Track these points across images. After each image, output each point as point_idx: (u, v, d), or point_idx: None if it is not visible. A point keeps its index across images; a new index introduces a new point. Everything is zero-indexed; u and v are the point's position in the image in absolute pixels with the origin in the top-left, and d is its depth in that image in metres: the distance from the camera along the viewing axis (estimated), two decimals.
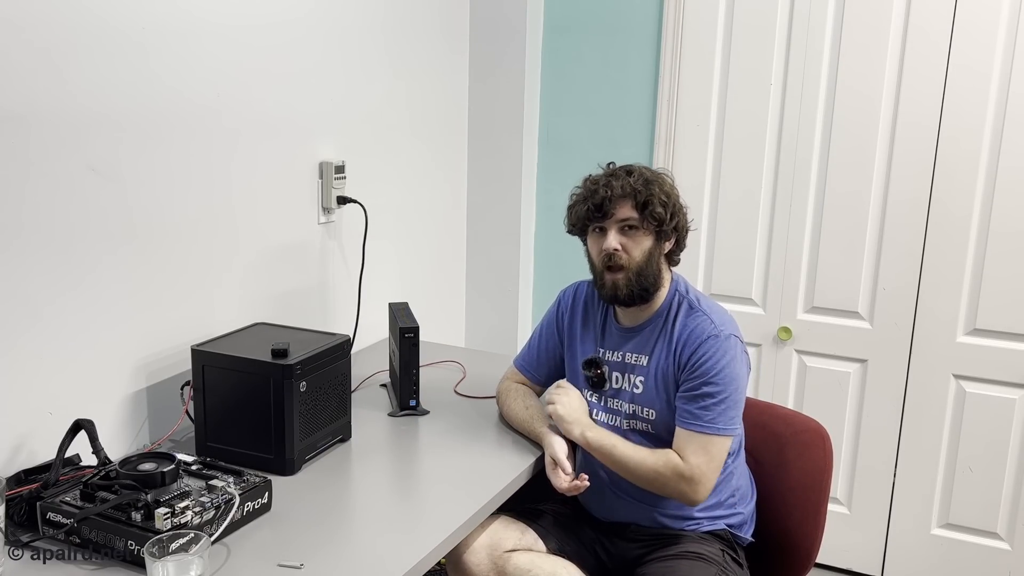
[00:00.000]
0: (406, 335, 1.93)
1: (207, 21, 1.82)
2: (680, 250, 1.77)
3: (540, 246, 3.02)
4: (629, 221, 1.67)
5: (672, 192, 1.70)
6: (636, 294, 1.69)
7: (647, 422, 1.72)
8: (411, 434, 1.87)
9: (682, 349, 1.67)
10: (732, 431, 1.65)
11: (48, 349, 1.56)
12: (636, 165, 1.73)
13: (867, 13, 2.47)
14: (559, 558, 1.71)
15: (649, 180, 1.68)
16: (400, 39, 2.51)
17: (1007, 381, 2.48)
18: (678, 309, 1.71)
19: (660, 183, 1.69)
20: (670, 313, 1.72)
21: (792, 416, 1.93)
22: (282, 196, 2.11)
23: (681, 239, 1.75)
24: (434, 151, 2.78)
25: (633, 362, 1.74)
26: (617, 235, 1.68)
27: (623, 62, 2.80)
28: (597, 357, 1.79)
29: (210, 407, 1.67)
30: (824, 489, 1.83)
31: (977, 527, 2.59)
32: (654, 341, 1.72)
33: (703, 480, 1.61)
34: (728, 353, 1.64)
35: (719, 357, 1.63)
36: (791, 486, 1.84)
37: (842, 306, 2.65)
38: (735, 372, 1.64)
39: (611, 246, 1.67)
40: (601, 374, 1.77)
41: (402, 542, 1.41)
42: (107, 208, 1.64)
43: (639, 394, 1.72)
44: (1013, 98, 2.35)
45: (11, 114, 1.44)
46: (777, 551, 1.83)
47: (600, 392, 1.78)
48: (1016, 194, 2.39)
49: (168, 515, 1.28)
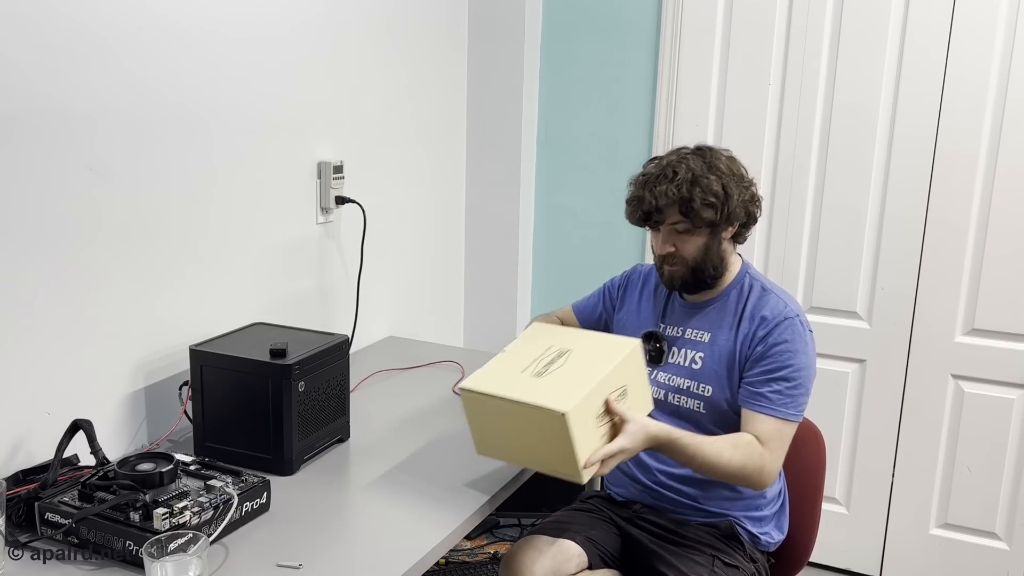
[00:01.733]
0: None
1: (205, 21, 1.81)
2: (748, 229, 1.72)
3: (538, 245, 3.02)
4: (678, 226, 1.65)
5: (724, 181, 1.63)
6: (693, 284, 1.71)
7: (700, 399, 1.71)
8: (410, 434, 1.87)
9: (756, 329, 1.66)
10: (799, 417, 1.65)
11: (46, 349, 1.56)
12: (687, 156, 1.67)
13: (866, 12, 2.47)
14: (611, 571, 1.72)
15: (695, 180, 1.62)
16: (399, 39, 2.51)
17: (1006, 381, 2.49)
18: (750, 290, 1.71)
19: (708, 179, 1.62)
20: (741, 293, 1.72)
21: None
22: (280, 196, 2.11)
23: (749, 221, 1.70)
24: (432, 151, 2.78)
25: (695, 338, 1.74)
26: (668, 237, 1.67)
27: (622, 62, 2.81)
28: (657, 331, 1.79)
29: (208, 407, 1.67)
30: (819, 486, 1.85)
31: (975, 527, 2.60)
32: (720, 319, 1.71)
33: (775, 466, 1.61)
34: (803, 337, 1.65)
35: (795, 340, 1.63)
36: (787, 484, 1.85)
37: (841, 306, 2.65)
38: (810, 359, 1.65)
39: (662, 251, 1.68)
40: (660, 348, 1.77)
41: (401, 542, 1.41)
42: (104, 208, 1.63)
43: (697, 370, 1.71)
44: (1012, 97, 2.35)
45: (9, 113, 1.44)
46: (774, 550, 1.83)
47: (656, 367, 1.78)
48: (1014, 194, 2.39)
49: (166, 515, 1.28)
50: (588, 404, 1.44)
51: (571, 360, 1.55)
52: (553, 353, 1.59)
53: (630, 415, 1.51)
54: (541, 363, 1.56)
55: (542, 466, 1.52)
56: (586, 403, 1.43)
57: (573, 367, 1.53)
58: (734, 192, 1.64)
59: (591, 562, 1.70)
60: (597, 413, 1.48)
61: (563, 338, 1.66)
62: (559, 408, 1.38)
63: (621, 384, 1.52)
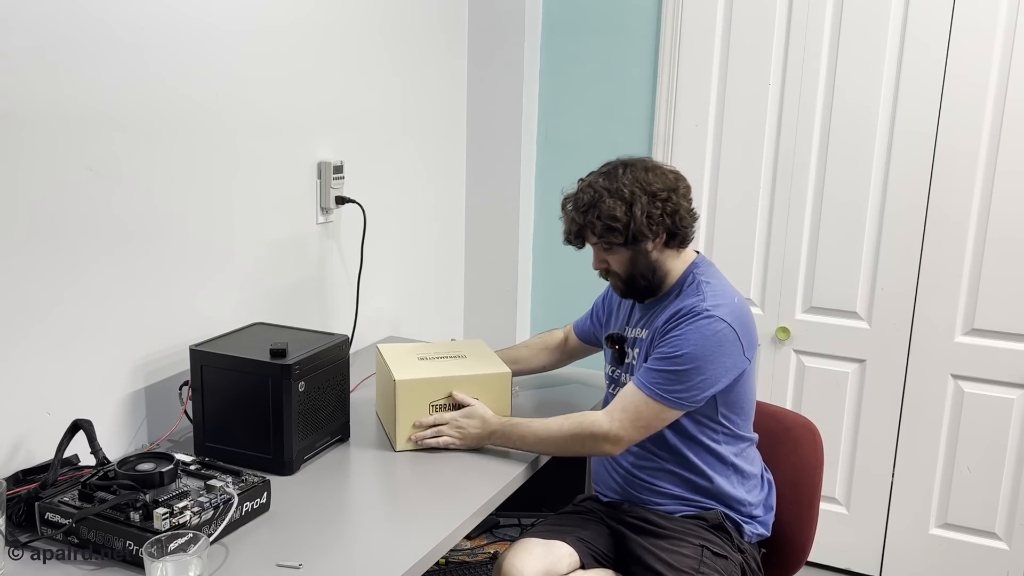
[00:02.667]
0: None
1: (205, 20, 1.81)
2: (678, 234, 1.71)
3: (538, 246, 3.02)
4: (599, 245, 1.73)
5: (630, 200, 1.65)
6: (633, 293, 1.78)
7: None
8: None
9: (667, 321, 1.69)
10: (668, 403, 1.64)
11: (46, 349, 1.56)
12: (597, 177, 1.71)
13: (865, 12, 2.47)
14: (605, 570, 1.72)
15: (594, 204, 1.66)
16: (399, 39, 2.51)
17: (1005, 381, 2.49)
18: (687, 288, 1.74)
19: (606, 204, 1.65)
20: (681, 291, 1.75)
21: (781, 413, 1.96)
22: (280, 196, 2.11)
23: (677, 229, 1.70)
24: (433, 151, 2.78)
25: (638, 336, 1.79)
26: (597, 255, 1.76)
27: (622, 62, 2.81)
28: (619, 333, 1.84)
29: (208, 407, 1.67)
30: (816, 484, 1.86)
31: (975, 527, 2.60)
32: (655, 316, 1.75)
33: (621, 434, 1.66)
34: (703, 331, 1.63)
35: (691, 331, 1.64)
36: (784, 482, 1.86)
37: (840, 306, 2.65)
38: (703, 352, 1.62)
39: (595, 267, 1.78)
40: (621, 350, 1.83)
41: (401, 542, 1.41)
42: (104, 208, 1.63)
43: (636, 367, 1.75)
44: (1011, 97, 2.35)
45: (8, 113, 1.44)
46: (772, 547, 1.84)
47: (621, 367, 1.83)
48: (1014, 194, 2.39)
49: (167, 515, 1.28)
50: (425, 387, 1.77)
51: (452, 361, 1.89)
52: (451, 353, 1.94)
53: (472, 402, 1.77)
54: (436, 356, 1.91)
55: (388, 426, 1.83)
56: (423, 385, 1.76)
57: (446, 365, 1.85)
58: (638, 210, 1.65)
59: (584, 562, 1.71)
60: (437, 403, 1.78)
61: (473, 350, 1.96)
62: (398, 377, 1.75)
63: (473, 395, 1.79)
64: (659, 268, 1.74)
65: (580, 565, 1.70)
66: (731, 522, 1.74)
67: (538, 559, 1.64)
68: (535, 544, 1.68)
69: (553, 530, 1.75)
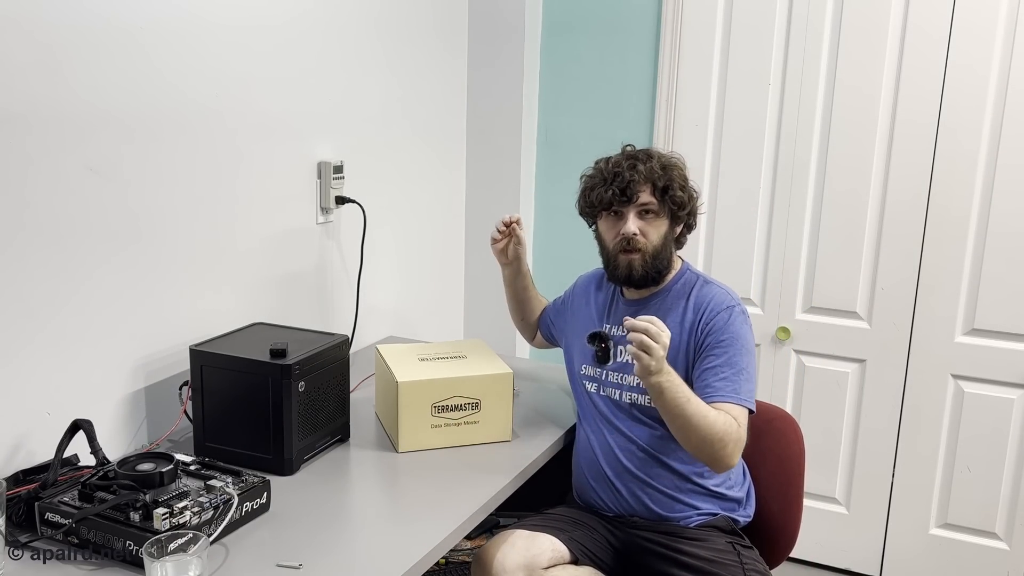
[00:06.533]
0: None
1: (205, 21, 1.82)
2: (689, 232, 1.82)
3: (538, 246, 3.02)
4: (649, 206, 1.71)
5: (688, 177, 1.75)
6: (650, 276, 1.74)
7: None
8: None
9: (702, 318, 1.70)
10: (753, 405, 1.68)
11: (46, 349, 1.56)
12: (653, 149, 1.77)
13: (866, 11, 2.47)
14: (591, 569, 1.71)
15: (668, 165, 1.73)
16: (399, 39, 2.51)
17: (1005, 381, 2.49)
18: (693, 282, 1.76)
19: (679, 168, 1.74)
20: (685, 288, 1.75)
21: (761, 406, 1.94)
22: (280, 196, 2.11)
23: (692, 224, 1.80)
24: (433, 151, 2.78)
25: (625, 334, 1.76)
26: (636, 219, 1.71)
27: (622, 61, 2.81)
28: (602, 331, 1.80)
29: (208, 407, 1.67)
30: (800, 474, 1.89)
31: (975, 527, 2.60)
32: (663, 312, 1.73)
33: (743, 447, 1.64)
34: (746, 324, 1.71)
35: (738, 328, 1.68)
36: (769, 474, 1.89)
37: (841, 306, 2.65)
38: (751, 347, 1.70)
39: (631, 231, 1.70)
40: (606, 348, 1.79)
41: (401, 542, 1.41)
42: (105, 208, 1.63)
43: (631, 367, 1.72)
44: (1012, 98, 2.35)
45: (10, 113, 1.44)
46: (760, 538, 1.85)
47: (604, 367, 1.80)
48: (1014, 194, 2.39)
49: (166, 515, 1.28)
50: (426, 389, 1.75)
51: (453, 361, 1.87)
52: (451, 353, 1.92)
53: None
54: (436, 356, 1.90)
55: (390, 427, 1.82)
56: (424, 386, 1.75)
57: (447, 365, 1.84)
58: (693, 190, 1.77)
59: (576, 557, 1.70)
60: (440, 405, 1.76)
61: (474, 350, 1.95)
62: (400, 378, 1.74)
63: (475, 396, 1.79)
64: (671, 256, 1.77)
65: (572, 560, 1.70)
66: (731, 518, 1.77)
67: (520, 552, 1.64)
68: (518, 536, 1.68)
69: (541, 525, 1.75)
